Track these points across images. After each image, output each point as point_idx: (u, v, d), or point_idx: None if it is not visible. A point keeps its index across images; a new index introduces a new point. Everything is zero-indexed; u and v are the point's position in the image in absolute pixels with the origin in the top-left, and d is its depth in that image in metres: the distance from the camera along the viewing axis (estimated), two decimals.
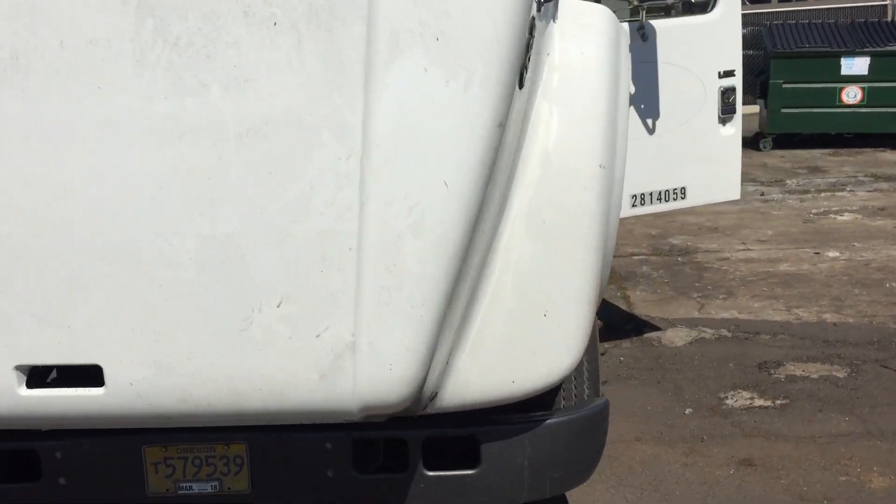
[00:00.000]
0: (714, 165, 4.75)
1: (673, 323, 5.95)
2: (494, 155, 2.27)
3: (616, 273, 7.20)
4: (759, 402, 4.68)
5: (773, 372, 5.05)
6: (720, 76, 4.67)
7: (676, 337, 5.69)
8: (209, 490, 3.06)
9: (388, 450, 3.07)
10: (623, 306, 6.37)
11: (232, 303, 2.22)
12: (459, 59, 2.17)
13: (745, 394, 4.78)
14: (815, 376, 4.97)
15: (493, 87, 2.20)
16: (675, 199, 4.74)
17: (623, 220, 8.19)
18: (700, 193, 4.78)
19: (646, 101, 4.55)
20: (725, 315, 6.06)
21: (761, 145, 13.43)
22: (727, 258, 7.51)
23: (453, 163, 2.20)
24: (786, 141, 13.27)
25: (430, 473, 3.02)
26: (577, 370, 3.60)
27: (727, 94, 4.68)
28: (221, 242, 2.19)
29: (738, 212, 9.22)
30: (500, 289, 2.76)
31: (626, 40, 3.26)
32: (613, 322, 6.02)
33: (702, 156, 4.72)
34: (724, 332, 5.74)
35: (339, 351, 2.25)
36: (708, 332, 5.73)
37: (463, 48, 2.17)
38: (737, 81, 4.69)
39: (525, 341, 2.80)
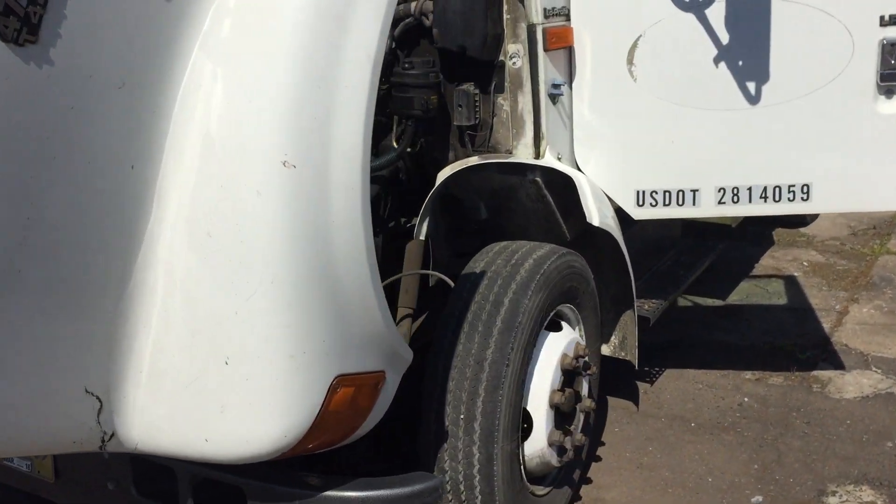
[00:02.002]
0: (863, 156, 3.18)
1: (869, 363, 4.32)
2: None
3: (866, 277, 5.48)
4: None
5: None
6: (883, 23, 3.06)
7: (852, 385, 4.11)
8: (24, 468, 2.96)
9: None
10: (826, 324, 4.79)
11: None
12: None
13: (867, 493, 3.27)
14: None
15: None
16: (790, 201, 3.27)
17: None
18: (835, 195, 3.24)
19: (748, 55, 3.14)
20: None
21: None
22: None
23: None
24: None
25: None
26: (486, 428, 2.65)
27: (893, 50, 3.06)
28: None
29: None
30: (169, 313, 2.05)
31: None
32: (789, 344, 4.54)
33: (842, 141, 3.17)
34: None
35: None
36: None
37: None
38: None
39: (208, 391, 2.08)
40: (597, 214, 3.11)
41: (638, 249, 4.18)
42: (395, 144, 3.26)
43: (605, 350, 3.65)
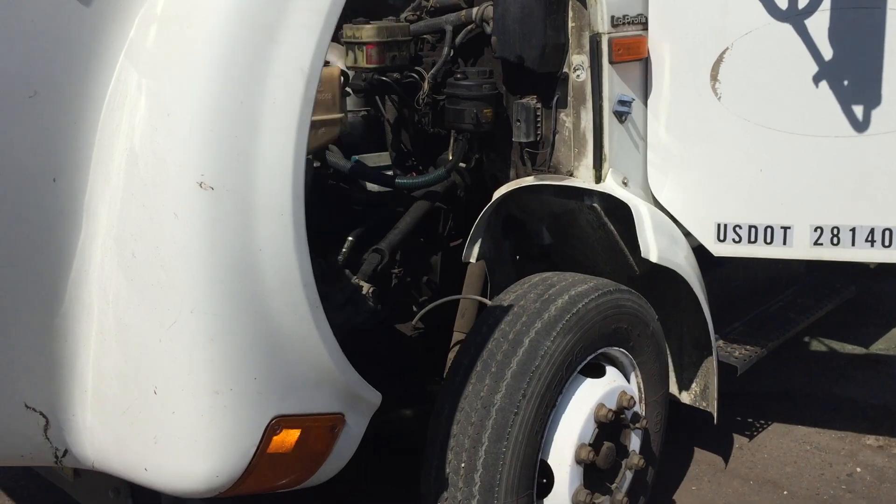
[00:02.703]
0: None
1: None
2: None
3: None
4: None
5: None
6: None
7: None
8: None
9: None
10: None
11: None
12: None
13: None
14: None
15: None
16: None
17: None
18: None
19: (856, 74, 2.67)
20: None
21: None
22: None
23: None
24: None
25: None
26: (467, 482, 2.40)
27: None
28: None
29: None
30: (105, 334, 1.96)
31: None
32: None
33: None
34: None
35: None
36: None
37: None
38: None
39: (142, 420, 1.98)
40: (655, 249, 2.75)
41: (744, 286, 3.73)
42: (450, 159, 3.05)
43: (685, 398, 3.27)
